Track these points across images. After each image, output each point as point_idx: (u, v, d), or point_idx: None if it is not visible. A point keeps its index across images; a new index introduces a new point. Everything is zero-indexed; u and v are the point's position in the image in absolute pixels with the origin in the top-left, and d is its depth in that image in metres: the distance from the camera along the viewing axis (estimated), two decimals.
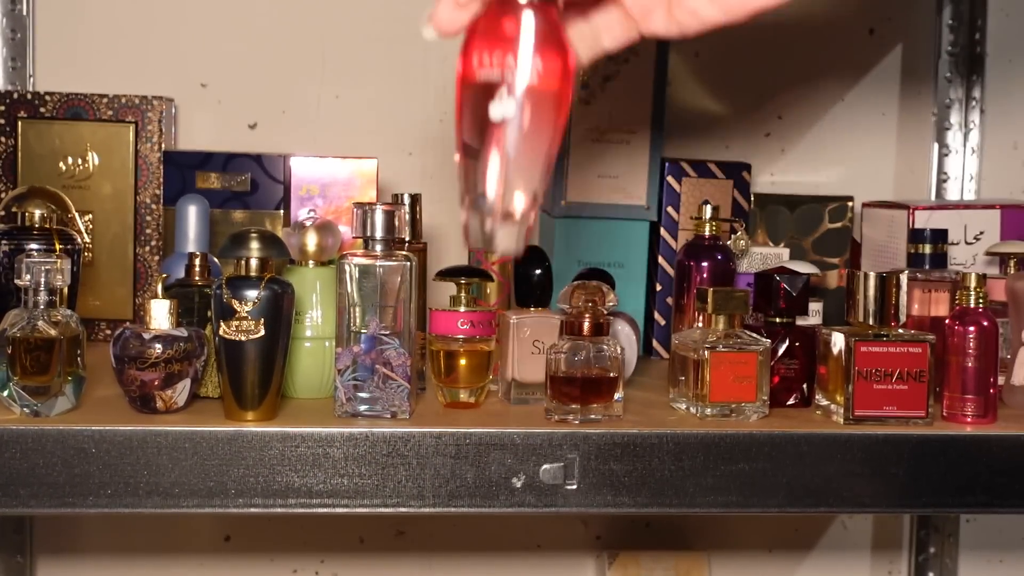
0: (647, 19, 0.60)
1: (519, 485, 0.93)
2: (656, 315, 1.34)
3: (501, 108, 0.54)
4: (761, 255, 1.33)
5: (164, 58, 1.50)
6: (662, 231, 1.35)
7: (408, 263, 0.96)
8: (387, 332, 0.96)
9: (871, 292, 1.02)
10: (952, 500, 0.98)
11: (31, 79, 1.46)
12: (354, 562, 1.58)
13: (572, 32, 0.60)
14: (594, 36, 0.61)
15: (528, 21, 0.55)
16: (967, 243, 1.30)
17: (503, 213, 0.55)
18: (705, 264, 1.17)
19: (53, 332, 0.92)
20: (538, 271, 1.09)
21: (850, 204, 1.41)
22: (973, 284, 1.02)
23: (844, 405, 1.00)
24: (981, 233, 1.30)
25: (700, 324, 1.09)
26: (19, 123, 1.32)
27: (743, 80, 1.61)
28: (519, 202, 0.55)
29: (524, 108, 0.54)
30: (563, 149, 0.55)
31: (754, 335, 1.03)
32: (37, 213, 1.08)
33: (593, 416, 0.97)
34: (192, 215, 1.15)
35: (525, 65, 0.54)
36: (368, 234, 0.97)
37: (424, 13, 0.58)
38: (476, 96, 0.55)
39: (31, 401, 0.92)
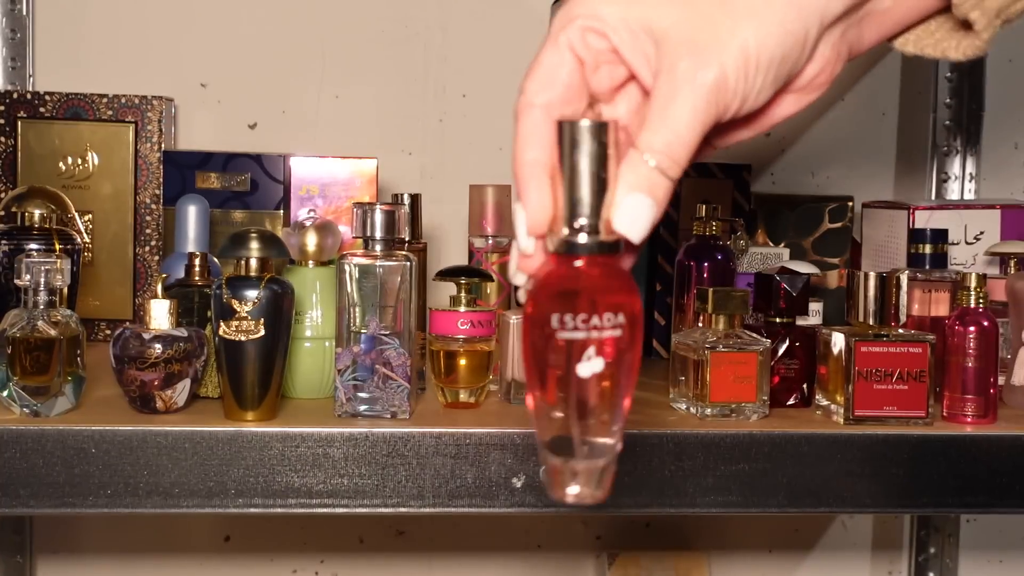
0: (698, 157, 0.64)
1: (519, 485, 0.93)
2: (656, 315, 1.34)
3: (590, 366, 0.56)
4: (761, 255, 1.33)
5: (164, 58, 1.50)
6: (662, 231, 1.35)
7: (408, 263, 0.96)
8: (387, 332, 0.96)
9: (871, 292, 1.02)
10: (952, 500, 0.98)
11: (31, 79, 1.46)
12: (354, 562, 1.58)
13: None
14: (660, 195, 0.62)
15: (601, 273, 0.56)
16: (967, 243, 1.30)
17: (590, 454, 0.57)
18: (705, 264, 1.17)
19: (53, 332, 0.92)
20: None
21: (850, 204, 1.41)
22: (973, 284, 1.02)
23: (844, 405, 1.00)
24: (981, 233, 1.30)
25: (700, 324, 1.09)
26: (19, 123, 1.32)
27: None
28: (608, 443, 0.57)
29: (610, 362, 0.56)
30: None
31: (754, 335, 1.03)
32: (37, 213, 1.08)
33: None
34: (192, 215, 1.15)
35: (607, 323, 0.56)
36: (368, 234, 0.97)
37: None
38: (557, 353, 0.56)
39: (31, 401, 0.92)
